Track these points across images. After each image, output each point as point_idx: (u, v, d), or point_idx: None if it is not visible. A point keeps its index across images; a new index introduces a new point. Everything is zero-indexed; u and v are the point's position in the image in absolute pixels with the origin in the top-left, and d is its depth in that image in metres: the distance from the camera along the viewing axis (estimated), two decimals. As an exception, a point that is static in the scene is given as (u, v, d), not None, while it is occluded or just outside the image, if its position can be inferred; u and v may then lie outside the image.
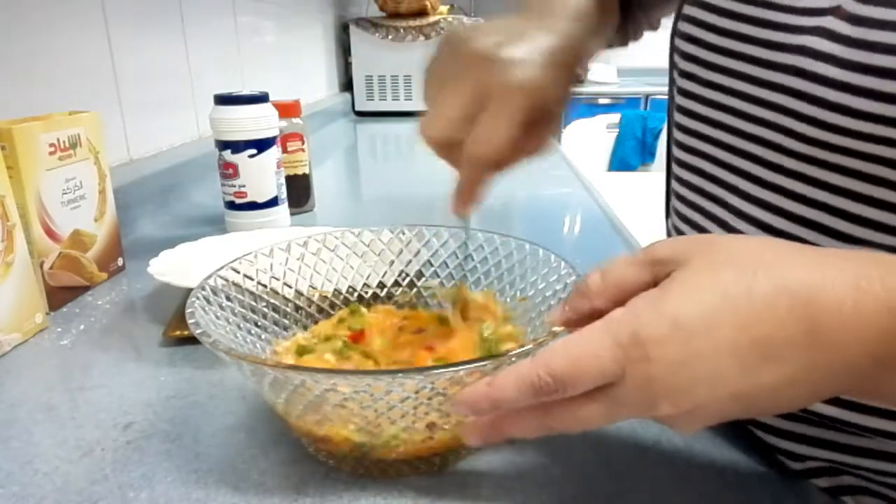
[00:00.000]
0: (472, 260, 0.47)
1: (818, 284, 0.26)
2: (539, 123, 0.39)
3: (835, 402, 0.35)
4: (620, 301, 0.29)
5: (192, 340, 0.51)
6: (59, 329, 0.55)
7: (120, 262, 0.68)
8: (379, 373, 0.31)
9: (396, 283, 0.49)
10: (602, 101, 3.10)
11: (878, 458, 0.36)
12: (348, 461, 0.36)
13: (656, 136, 2.90)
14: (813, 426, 0.37)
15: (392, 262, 0.49)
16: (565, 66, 0.39)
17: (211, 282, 0.40)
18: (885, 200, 0.31)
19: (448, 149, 0.39)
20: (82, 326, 0.56)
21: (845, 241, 0.33)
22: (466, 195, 0.40)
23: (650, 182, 1.64)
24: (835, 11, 0.32)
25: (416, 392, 0.30)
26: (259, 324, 0.42)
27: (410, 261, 0.49)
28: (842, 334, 0.25)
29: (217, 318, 0.38)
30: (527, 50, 0.37)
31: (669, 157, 0.48)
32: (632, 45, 0.60)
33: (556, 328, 0.32)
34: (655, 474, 0.36)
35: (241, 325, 0.40)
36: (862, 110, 0.30)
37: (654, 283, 0.29)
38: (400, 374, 0.30)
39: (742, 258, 0.27)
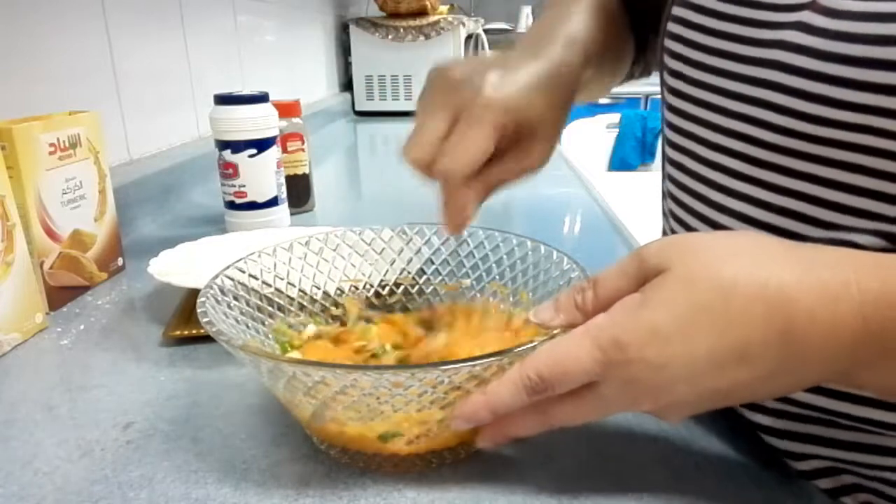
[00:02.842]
0: (474, 257, 0.47)
1: (794, 288, 0.27)
2: (523, 142, 0.40)
3: (831, 393, 0.35)
4: None
5: (192, 340, 0.51)
6: (59, 329, 0.55)
7: (120, 261, 0.68)
8: (399, 368, 0.32)
9: (398, 282, 0.49)
10: (602, 100, 3.09)
11: (876, 454, 0.36)
12: (361, 457, 0.36)
13: (656, 136, 2.89)
14: (812, 424, 0.37)
15: (394, 261, 0.49)
16: (549, 88, 0.41)
17: (218, 281, 0.40)
18: (863, 187, 0.32)
19: (429, 170, 0.39)
20: (82, 326, 0.56)
21: (826, 229, 0.33)
22: (452, 215, 0.40)
23: (650, 182, 1.64)
24: (811, 6, 0.33)
25: (435, 387, 0.32)
26: (266, 323, 0.42)
27: (412, 259, 0.49)
28: (816, 337, 0.27)
29: (226, 317, 0.38)
30: (501, 72, 0.39)
31: (664, 156, 0.49)
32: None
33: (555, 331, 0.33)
34: (654, 474, 0.36)
35: (249, 325, 0.40)
36: (841, 99, 0.31)
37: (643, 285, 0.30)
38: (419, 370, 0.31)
39: (721, 263, 0.28)
